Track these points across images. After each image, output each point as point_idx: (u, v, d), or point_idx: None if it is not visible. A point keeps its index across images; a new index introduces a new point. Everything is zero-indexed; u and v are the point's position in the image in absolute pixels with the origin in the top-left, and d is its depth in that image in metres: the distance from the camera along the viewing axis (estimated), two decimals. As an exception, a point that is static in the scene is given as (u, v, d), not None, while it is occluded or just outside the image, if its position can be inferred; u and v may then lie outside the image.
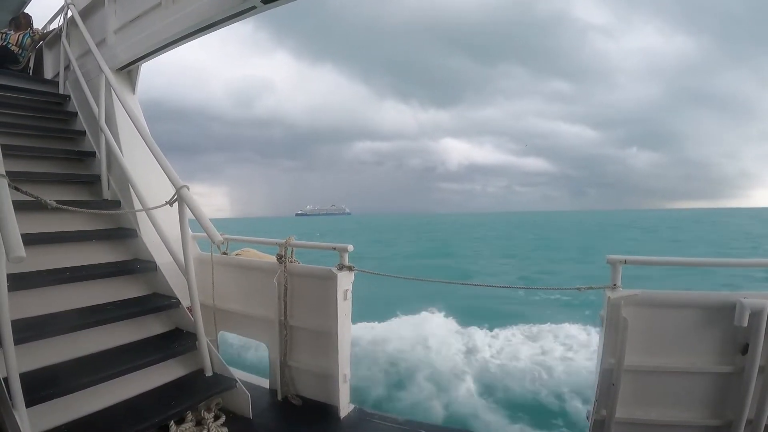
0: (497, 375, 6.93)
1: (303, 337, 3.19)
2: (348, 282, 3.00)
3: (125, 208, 3.54)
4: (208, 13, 3.18)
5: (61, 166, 3.81)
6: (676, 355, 2.36)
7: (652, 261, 2.84)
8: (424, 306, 9.69)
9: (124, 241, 3.41)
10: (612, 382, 2.41)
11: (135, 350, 2.74)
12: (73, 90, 4.49)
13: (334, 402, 3.02)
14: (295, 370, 3.23)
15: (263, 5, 2.93)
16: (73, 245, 3.11)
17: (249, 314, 3.44)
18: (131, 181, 3.25)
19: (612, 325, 2.38)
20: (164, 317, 3.07)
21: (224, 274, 3.50)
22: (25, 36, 5.14)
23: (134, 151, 3.56)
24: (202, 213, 2.70)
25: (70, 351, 2.50)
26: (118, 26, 4.05)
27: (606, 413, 2.45)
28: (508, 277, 21.43)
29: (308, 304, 3.12)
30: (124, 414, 2.38)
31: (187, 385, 2.77)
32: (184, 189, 2.71)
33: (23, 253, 1.71)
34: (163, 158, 2.97)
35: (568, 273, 21.66)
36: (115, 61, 3.98)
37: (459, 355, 7.68)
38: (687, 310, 2.34)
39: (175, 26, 3.44)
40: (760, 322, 2.15)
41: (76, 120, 4.29)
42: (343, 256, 3.00)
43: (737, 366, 2.27)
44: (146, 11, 3.73)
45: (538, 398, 6.31)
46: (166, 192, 2.77)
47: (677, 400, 2.39)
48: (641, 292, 2.36)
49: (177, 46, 3.69)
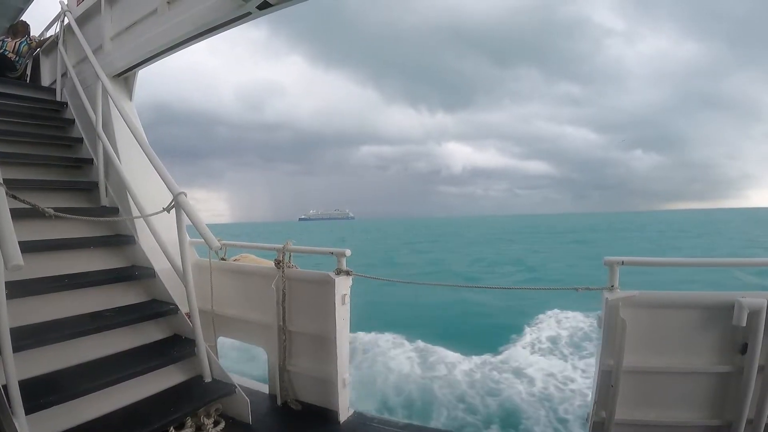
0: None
1: (302, 342, 3.19)
2: (346, 287, 3.00)
3: (123, 214, 3.55)
4: (203, 19, 3.20)
5: (58, 173, 3.82)
6: (675, 355, 2.36)
7: (650, 262, 2.84)
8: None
9: (122, 248, 3.41)
10: (611, 383, 2.40)
11: (134, 357, 2.74)
12: (70, 97, 4.50)
13: (334, 407, 3.01)
14: (294, 375, 3.22)
15: (258, 11, 2.94)
16: (71, 252, 3.11)
17: (248, 319, 3.43)
18: (129, 188, 3.26)
19: (610, 327, 2.38)
20: (163, 323, 3.07)
21: (222, 280, 3.49)
22: (22, 43, 5.15)
23: (132, 157, 3.57)
24: (199, 219, 2.71)
25: (69, 358, 2.50)
26: (115, 33, 4.07)
27: (605, 414, 2.44)
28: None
29: (307, 308, 3.11)
30: (123, 420, 2.38)
31: (186, 391, 2.76)
32: (182, 195, 2.72)
33: (21, 261, 1.72)
34: (161, 165, 2.97)
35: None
36: (112, 67, 3.99)
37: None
38: (685, 311, 2.35)
39: (171, 32, 3.45)
40: (759, 322, 2.15)
41: (74, 127, 4.30)
42: (341, 261, 3.00)
43: (736, 366, 2.27)
44: (142, 18, 3.75)
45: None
46: (164, 198, 2.78)
47: (677, 400, 2.39)
48: (639, 293, 2.36)
49: (173, 52, 3.70)
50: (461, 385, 6.89)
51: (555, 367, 7.55)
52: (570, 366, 7.57)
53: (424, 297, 14.80)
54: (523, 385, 6.82)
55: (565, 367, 7.54)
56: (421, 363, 7.78)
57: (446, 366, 7.61)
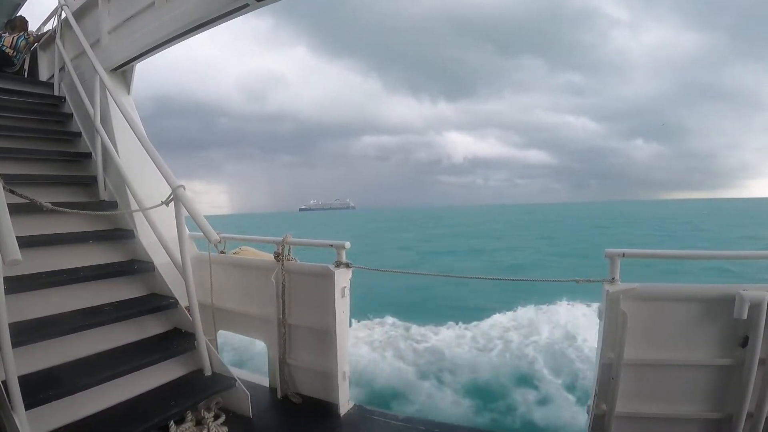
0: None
1: (302, 335, 3.19)
2: (345, 279, 3.00)
3: (122, 208, 3.53)
4: (201, 12, 3.16)
5: (57, 167, 3.81)
6: (676, 348, 2.35)
7: (651, 254, 2.83)
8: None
9: (121, 242, 3.41)
10: (612, 376, 2.40)
11: (134, 351, 2.74)
12: (68, 91, 4.48)
13: (334, 400, 3.02)
14: (294, 369, 3.23)
15: (256, 3, 2.91)
16: (70, 247, 3.11)
17: (247, 313, 3.43)
18: (127, 182, 3.24)
19: (611, 319, 2.37)
20: (162, 317, 3.07)
21: (222, 273, 3.48)
22: (19, 38, 5.12)
23: (130, 151, 3.55)
24: (198, 212, 2.69)
25: (68, 353, 2.50)
26: (112, 27, 4.03)
27: (606, 407, 2.44)
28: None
29: (306, 302, 3.11)
30: (123, 415, 2.38)
31: (186, 385, 2.76)
32: (180, 189, 2.70)
33: (19, 256, 1.71)
34: (159, 158, 2.96)
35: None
36: (110, 61, 3.96)
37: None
38: (686, 303, 2.33)
39: (168, 26, 3.42)
40: (760, 315, 2.13)
41: (72, 121, 4.29)
42: (341, 253, 2.99)
43: (737, 359, 2.26)
44: (139, 11, 3.72)
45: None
46: (163, 192, 2.78)
47: (677, 393, 2.38)
48: (640, 285, 2.35)
49: (171, 45, 3.67)
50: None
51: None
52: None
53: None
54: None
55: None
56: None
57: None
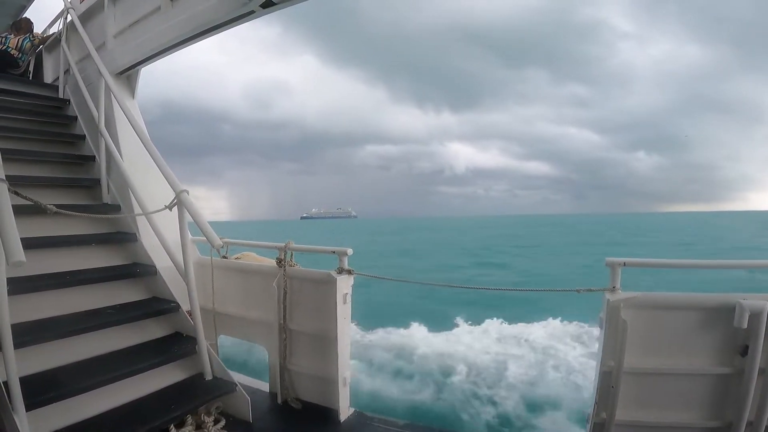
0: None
1: (303, 341, 3.19)
2: (347, 285, 3.00)
3: (125, 212, 3.54)
4: (206, 18, 3.20)
5: (60, 170, 3.83)
6: (676, 356, 2.36)
7: (652, 263, 2.83)
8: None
9: (123, 245, 3.42)
10: (612, 384, 2.40)
11: (135, 354, 2.74)
12: (72, 94, 4.51)
13: (334, 405, 3.01)
14: (294, 374, 3.22)
15: (262, 9, 2.94)
16: (73, 249, 3.12)
17: (249, 318, 3.43)
18: (131, 185, 3.26)
19: (611, 328, 2.38)
20: (164, 321, 3.07)
21: (224, 278, 3.49)
22: (24, 40, 5.16)
23: (134, 155, 3.57)
24: (201, 217, 2.70)
25: (70, 355, 2.50)
26: (118, 30, 4.07)
27: (606, 415, 2.44)
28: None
29: (308, 307, 3.11)
30: (124, 418, 2.38)
31: (186, 388, 2.76)
32: (184, 193, 2.71)
33: (23, 257, 1.72)
34: (163, 162, 2.97)
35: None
36: (115, 65, 3.99)
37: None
38: (686, 312, 2.34)
39: (174, 30, 3.46)
40: (760, 324, 2.14)
41: (76, 124, 4.31)
42: (343, 260, 3.00)
43: (737, 368, 2.26)
44: (145, 15, 3.75)
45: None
46: (166, 196, 2.78)
47: (677, 402, 2.38)
48: (641, 294, 2.36)
49: (176, 50, 3.70)
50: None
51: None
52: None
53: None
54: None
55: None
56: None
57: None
